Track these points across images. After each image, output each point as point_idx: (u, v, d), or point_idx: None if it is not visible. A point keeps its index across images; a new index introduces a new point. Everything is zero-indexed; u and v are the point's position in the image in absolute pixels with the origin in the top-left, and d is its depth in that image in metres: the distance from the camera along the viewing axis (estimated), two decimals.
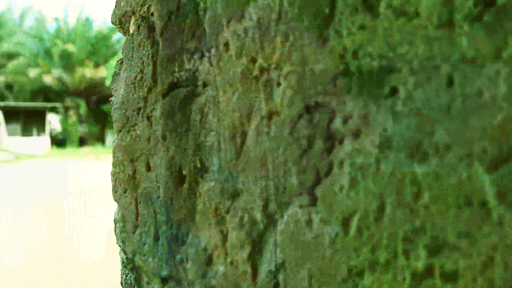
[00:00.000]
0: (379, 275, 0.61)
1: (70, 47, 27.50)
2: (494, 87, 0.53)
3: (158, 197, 0.88)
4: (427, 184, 0.58)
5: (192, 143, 0.81)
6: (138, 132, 0.92)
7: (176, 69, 0.84)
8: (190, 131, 0.82)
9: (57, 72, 27.83)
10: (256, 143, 0.72)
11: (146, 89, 0.90)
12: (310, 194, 0.67)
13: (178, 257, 0.85)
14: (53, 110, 28.06)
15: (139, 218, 0.93)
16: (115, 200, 1.03)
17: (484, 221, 0.54)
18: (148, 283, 0.95)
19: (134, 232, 0.95)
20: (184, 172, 0.83)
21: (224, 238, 0.77)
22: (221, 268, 0.77)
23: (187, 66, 0.82)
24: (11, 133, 24.57)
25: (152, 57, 0.89)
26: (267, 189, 0.71)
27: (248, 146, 0.73)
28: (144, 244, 0.92)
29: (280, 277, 0.70)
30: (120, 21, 1.01)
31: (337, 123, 0.65)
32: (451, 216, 0.56)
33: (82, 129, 29.41)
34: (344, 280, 0.64)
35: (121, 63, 1.00)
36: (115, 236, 1.07)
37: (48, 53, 29.12)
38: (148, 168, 0.90)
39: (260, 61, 0.72)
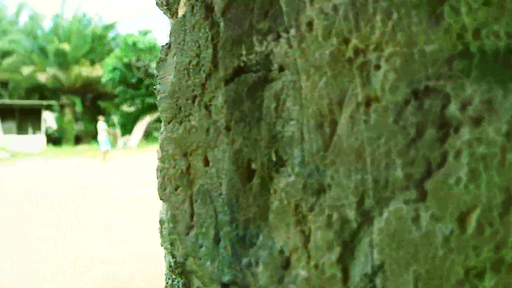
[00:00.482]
0: (504, 276, 0.53)
1: (66, 45, 27.26)
2: None
3: (220, 194, 0.79)
4: None
5: (265, 133, 0.72)
6: (193, 122, 0.83)
7: (244, 52, 0.75)
8: (263, 120, 0.73)
9: (52, 70, 27.58)
10: (350, 133, 0.64)
11: (204, 75, 0.81)
12: (418, 188, 0.58)
13: (244, 260, 0.76)
14: (49, 108, 27.83)
15: (194, 218, 0.84)
16: (162, 199, 0.94)
17: None
18: None
19: (187, 234, 0.85)
20: (253, 166, 0.74)
21: (306, 239, 0.69)
22: (302, 272, 0.69)
23: (257, 49, 0.74)
24: (6, 131, 24.32)
25: (212, 39, 0.80)
26: (363, 183, 0.63)
27: (340, 136, 0.65)
28: (201, 247, 0.83)
29: (378, 281, 0.62)
30: (167, 3, 0.91)
31: (453, 109, 0.56)
32: None
33: (77, 127, 29.18)
34: (460, 282, 0.56)
35: (169, 47, 0.90)
36: (160, 238, 0.98)
37: (43, 51, 28.85)
38: (206, 163, 0.81)
39: (354, 41, 0.64)
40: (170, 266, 0.95)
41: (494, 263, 0.54)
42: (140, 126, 25.81)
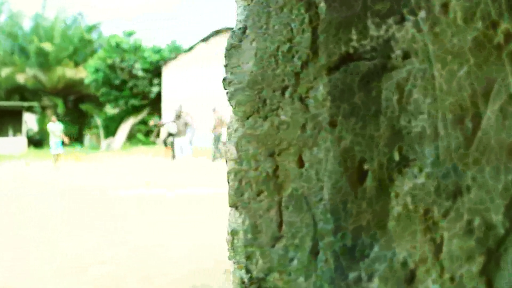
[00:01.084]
0: None
1: (47, 45, 26.68)
2: None
3: (321, 200, 0.69)
4: None
5: (384, 129, 0.63)
6: (283, 117, 0.72)
7: (354, 37, 0.66)
8: (381, 114, 0.63)
9: (32, 70, 26.99)
10: (500, 128, 0.55)
11: (299, 63, 0.71)
12: None
13: (352, 275, 0.67)
14: (30, 109, 27.24)
15: (283, 228, 0.73)
16: (236, 206, 0.82)
17: None
18: None
19: (273, 246, 0.75)
20: (366, 166, 0.65)
21: (438, 248, 0.60)
22: (433, 287, 0.60)
23: (374, 33, 0.64)
24: None
25: (310, 22, 0.70)
26: None
27: (486, 131, 0.56)
28: (291, 260, 0.72)
29: None
30: None
31: None
32: None
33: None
34: None
35: (243, 32, 0.79)
36: (229, 249, 0.86)
37: (23, 51, 28.24)
38: (301, 164, 0.71)
39: (505, 25, 0.55)
40: (243, 283, 0.85)
41: None
42: (124, 128, 25.44)
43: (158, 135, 18.18)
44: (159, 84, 24.11)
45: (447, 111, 0.58)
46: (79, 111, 28.86)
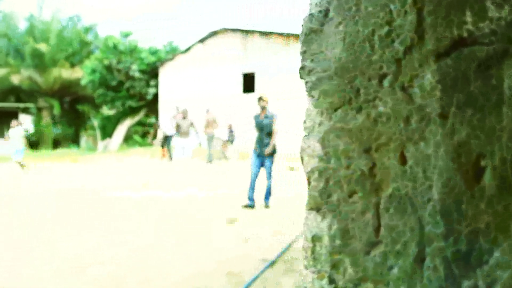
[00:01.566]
0: None
1: (43, 46, 26.46)
2: None
3: (429, 200, 0.62)
4: None
5: (508, 121, 0.56)
6: (382, 109, 0.66)
7: (469, 19, 0.59)
8: (504, 104, 0.57)
9: (27, 72, 26.78)
10: None
11: (401, 48, 0.64)
12: None
13: (467, 284, 0.60)
14: (26, 111, 27.02)
15: (381, 232, 0.66)
16: (317, 209, 0.73)
17: None
18: None
19: (368, 253, 0.67)
20: (484, 162, 0.58)
21: None
22: None
23: (494, 14, 0.58)
24: None
25: (414, 3, 0.63)
26: None
27: None
28: (391, 268, 0.65)
29: None
30: None
31: None
32: None
33: (55, 131, 28.41)
34: None
35: (325, 15, 0.73)
36: (307, 257, 0.78)
37: (18, 52, 28.04)
38: (404, 161, 0.64)
39: None
40: None
41: None
42: (121, 130, 25.28)
43: (155, 136, 17.73)
44: (156, 86, 23.98)
45: None
46: (76, 112, 28.67)
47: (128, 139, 25.24)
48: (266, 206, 6.76)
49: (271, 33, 18.99)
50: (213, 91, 20.42)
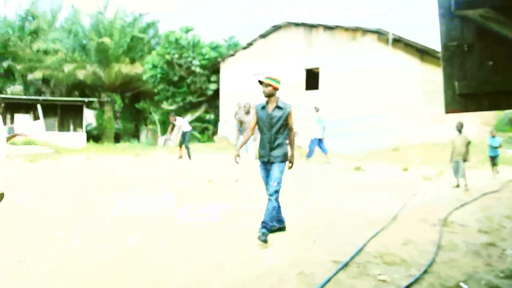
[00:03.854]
0: None
1: (107, 41, 27.85)
2: None
3: None
4: None
5: None
6: None
7: None
8: None
9: (92, 67, 28.28)
10: None
11: None
12: None
13: None
14: (89, 105, 28.55)
15: None
16: None
17: None
18: None
19: None
20: None
21: None
22: None
23: None
24: (48, 128, 25.03)
25: None
26: None
27: None
28: None
29: None
30: None
31: None
32: None
33: (117, 125, 29.88)
34: None
35: None
36: None
37: (84, 49, 29.69)
38: None
39: None
40: None
41: None
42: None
43: (172, 131, 16.78)
44: (217, 81, 24.46)
45: None
46: (136, 108, 30.00)
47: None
48: (262, 239, 4.67)
49: (336, 27, 18.78)
50: None
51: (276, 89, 4.94)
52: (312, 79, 19.89)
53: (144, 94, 29.61)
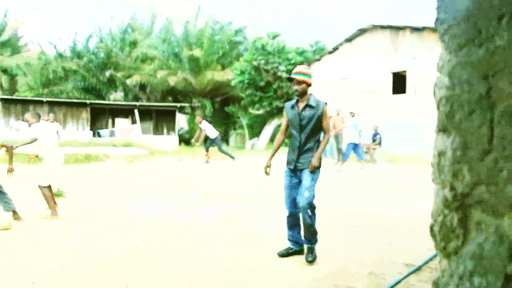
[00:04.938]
0: None
1: (197, 51, 29.59)
2: None
3: None
4: None
5: None
6: (499, 43, 0.84)
7: None
8: None
9: (184, 74, 30.03)
10: None
11: None
12: None
13: None
14: (181, 110, 30.29)
15: (493, 142, 0.87)
16: (444, 130, 0.98)
17: None
18: None
19: (482, 160, 0.90)
20: None
21: None
22: None
23: None
24: (144, 131, 27.02)
25: None
26: None
27: None
28: (501, 171, 0.84)
29: None
30: None
31: None
32: None
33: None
34: None
35: None
36: (434, 171, 1.05)
37: (177, 56, 31.66)
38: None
39: None
40: (446, 201, 1.00)
41: None
42: (268, 129, 26.97)
43: (198, 139, 15.80)
44: None
45: None
46: (225, 112, 31.30)
47: (274, 138, 26.60)
48: (308, 260, 4.30)
49: (424, 28, 18.39)
50: (360, 92, 20.08)
51: (309, 85, 4.35)
52: (399, 83, 19.59)
53: (232, 99, 30.81)
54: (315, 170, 4.27)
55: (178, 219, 6.33)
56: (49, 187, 6.18)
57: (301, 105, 4.36)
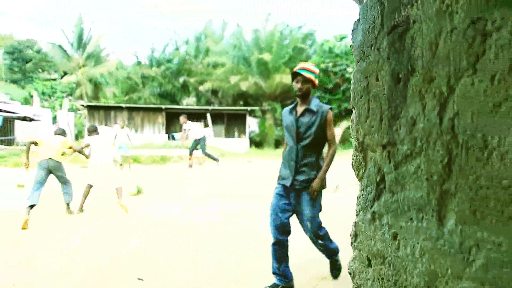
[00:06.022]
0: None
1: (266, 55, 30.71)
2: None
3: (383, 94, 1.66)
4: None
5: (406, 56, 1.46)
6: (371, 59, 1.62)
7: (396, 16, 1.50)
8: (405, 50, 1.47)
9: (254, 78, 31.25)
10: (444, 45, 1.32)
11: (376, 32, 1.60)
12: None
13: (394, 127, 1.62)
14: (252, 113, 31.47)
15: (369, 112, 1.61)
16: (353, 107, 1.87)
17: None
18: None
19: (365, 121, 1.63)
20: (400, 75, 1.48)
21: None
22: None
23: (403, 13, 1.48)
24: (216, 134, 28.62)
25: (381, 12, 1.59)
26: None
27: (439, 48, 1.33)
28: (372, 127, 1.58)
29: None
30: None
31: None
32: None
33: (277, 132, 32.41)
34: None
35: (358, 20, 1.75)
36: (352, 131, 2.16)
37: (247, 61, 32.96)
38: (377, 79, 1.59)
39: (447, 1, 1.33)
40: (355, 147, 1.70)
41: None
42: (337, 132, 27.35)
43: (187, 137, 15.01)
44: None
45: (426, 43, 1.42)
46: None
47: (344, 140, 26.97)
48: (335, 275, 3.85)
49: None
50: None
51: (315, 86, 3.69)
52: None
53: None
54: (317, 196, 3.52)
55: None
56: (91, 187, 7.38)
57: (300, 109, 3.63)
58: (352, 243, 1.75)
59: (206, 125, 28.26)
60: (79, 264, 4.34)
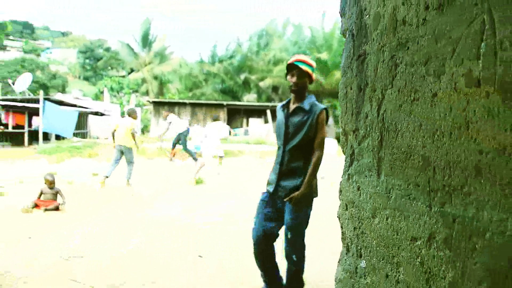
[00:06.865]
0: None
1: (324, 53, 31.38)
2: None
3: (353, 98, 2.63)
4: None
5: (364, 75, 2.30)
6: (348, 75, 2.49)
7: (360, 49, 2.39)
8: (363, 71, 2.30)
9: (314, 75, 31.98)
10: (380, 70, 2.48)
11: (350, 58, 2.47)
12: None
13: None
14: None
15: (347, 109, 2.74)
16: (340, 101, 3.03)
17: None
18: None
19: (345, 115, 2.94)
20: (361, 87, 2.31)
21: None
22: None
23: (363, 48, 2.32)
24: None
25: (353, 45, 2.46)
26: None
27: (378, 71, 2.23)
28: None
29: None
30: (344, 34, 2.66)
31: None
32: None
33: (336, 129, 33.01)
34: None
35: (343, 50, 2.63)
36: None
37: None
38: (351, 89, 2.46)
39: (381, 43, 2.63)
40: (341, 132, 2.60)
41: None
42: None
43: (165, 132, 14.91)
44: None
45: (373, 66, 2.72)
46: None
47: None
48: None
49: None
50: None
51: (312, 81, 3.51)
52: None
53: None
54: (299, 206, 3.19)
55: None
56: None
57: (292, 107, 3.39)
58: (339, 196, 2.64)
59: (266, 121, 29.35)
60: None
